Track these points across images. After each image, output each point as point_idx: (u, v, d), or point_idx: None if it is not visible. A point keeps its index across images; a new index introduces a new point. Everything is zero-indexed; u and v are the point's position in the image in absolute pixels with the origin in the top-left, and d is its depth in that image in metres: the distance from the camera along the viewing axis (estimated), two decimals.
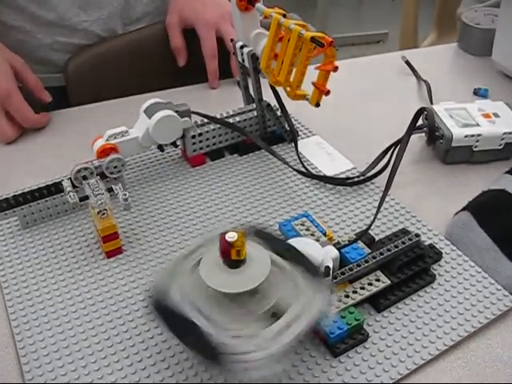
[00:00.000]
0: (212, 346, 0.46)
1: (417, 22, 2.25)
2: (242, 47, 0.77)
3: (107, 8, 0.99)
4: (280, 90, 0.75)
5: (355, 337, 0.55)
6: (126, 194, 0.63)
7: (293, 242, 0.57)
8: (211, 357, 0.46)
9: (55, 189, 0.69)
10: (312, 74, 0.66)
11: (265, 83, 0.78)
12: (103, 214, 0.63)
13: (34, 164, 0.81)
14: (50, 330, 0.57)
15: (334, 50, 0.62)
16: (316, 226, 0.64)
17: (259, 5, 0.72)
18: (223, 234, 0.48)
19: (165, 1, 1.07)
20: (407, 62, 1.06)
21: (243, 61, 0.78)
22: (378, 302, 0.58)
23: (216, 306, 0.49)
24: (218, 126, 0.78)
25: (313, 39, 0.62)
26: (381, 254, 0.59)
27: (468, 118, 0.80)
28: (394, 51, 1.16)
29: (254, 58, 0.75)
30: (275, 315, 0.48)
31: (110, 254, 0.65)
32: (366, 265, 0.58)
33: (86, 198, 0.64)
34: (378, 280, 0.58)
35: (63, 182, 0.65)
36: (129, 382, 0.52)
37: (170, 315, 0.48)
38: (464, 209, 0.69)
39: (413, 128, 0.74)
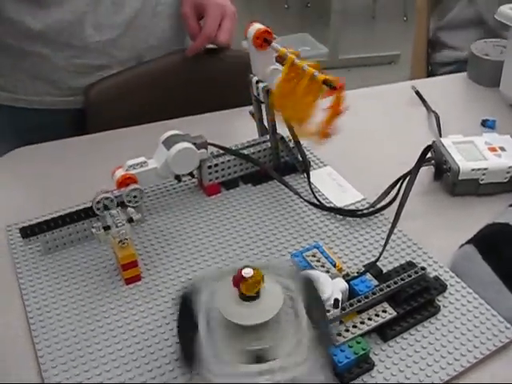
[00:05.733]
0: (192, 351, 0.50)
1: (429, 43, 2.27)
2: (257, 82, 0.80)
3: (119, 28, 1.03)
4: None
5: (362, 365, 0.58)
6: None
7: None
8: (186, 359, 0.52)
9: (77, 216, 0.73)
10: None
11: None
12: (123, 243, 0.66)
13: (55, 191, 0.84)
14: (71, 354, 0.60)
15: (343, 94, 0.65)
16: (326, 258, 0.67)
17: (275, 44, 0.76)
18: (241, 268, 0.51)
19: (178, 32, 1.12)
20: (417, 93, 1.09)
21: (258, 95, 0.81)
22: (385, 332, 0.61)
23: (221, 325, 0.52)
24: (233, 156, 0.82)
25: (325, 82, 0.65)
26: (388, 286, 0.62)
27: (475, 151, 0.83)
28: (406, 73, 1.18)
29: (269, 93, 0.78)
30: (261, 359, 0.51)
31: (129, 281, 0.68)
32: (374, 297, 0.61)
33: (108, 227, 0.67)
34: (384, 311, 0.61)
35: (93, 226, 0.67)
36: None
37: (186, 310, 0.53)
38: (469, 241, 0.72)
39: (421, 164, 0.77)
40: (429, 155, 0.82)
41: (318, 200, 0.79)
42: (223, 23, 1.05)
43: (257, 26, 0.77)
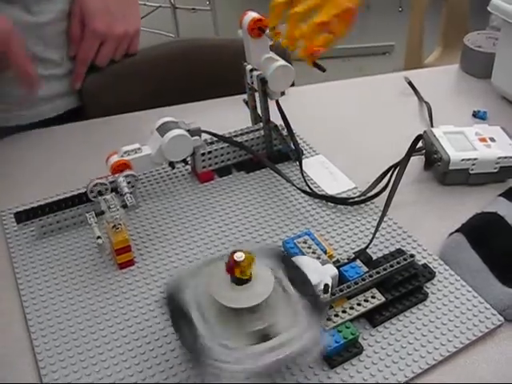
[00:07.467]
0: (199, 347, 0.51)
1: (422, 35, 2.28)
2: (251, 70, 0.81)
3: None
4: (286, 107, 0.81)
5: (351, 350, 0.59)
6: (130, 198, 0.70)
7: (295, 260, 0.61)
8: (195, 357, 0.51)
9: (71, 202, 0.74)
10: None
11: (272, 104, 0.82)
12: (117, 228, 0.67)
13: (50, 176, 0.85)
14: (65, 337, 0.61)
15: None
16: (317, 244, 0.68)
17: (269, 32, 0.76)
18: (232, 253, 0.52)
19: None
20: (410, 83, 1.09)
21: (252, 83, 0.82)
22: (374, 318, 0.62)
23: (217, 314, 0.54)
24: (227, 144, 0.82)
25: (315, 64, 0.67)
26: (377, 272, 0.63)
27: (465, 141, 0.84)
28: (400, 63, 1.19)
29: (263, 81, 0.79)
30: (266, 337, 0.52)
31: (122, 266, 0.69)
32: (363, 283, 0.62)
33: (102, 213, 0.68)
34: (373, 297, 0.62)
35: (94, 229, 0.67)
36: None
37: (177, 310, 0.54)
38: (458, 230, 0.73)
39: (411, 153, 0.78)
40: (420, 145, 0.83)
41: (310, 188, 0.80)
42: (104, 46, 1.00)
43: (251, 15, 0.78)
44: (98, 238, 0.65)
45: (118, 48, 1.02)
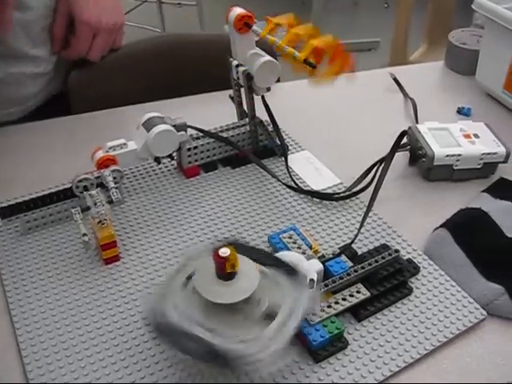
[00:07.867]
0: (221, 354, 0.50)
1: (408, 32, 2.30)
2: (237, 66, 0.81)
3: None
4: (271, 102, 0.81)
5: (336, 344, 0.59)
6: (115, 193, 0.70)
7: (280, 255, 0.62)
8: (223, 364, 0.51)
9: (56, 197, 0.73)
10: None
11: (257, 100, 0.82)
12: (103, 223, 0.67)
13: (35, 171, 0.85)
14: (50, 333, 0.61)
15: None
16: (302, 240, 0.68)
17: (255, 27, 0.77)
18: (216, 250, 0.52)
19: None
20: (395, 80, 1.10)
21: (238, 79, 0.82)
22: (359, 312, 0.63)
23: (214, 316, 0.53)
24: (213, 139, 0.82)
25: (305, 61, 0.67)
26: (362, 267, 0.63)
27: (450, 138, 0.85)
28: (385, 59, 1.19)
29: (249, 77, 0.79)
30: (269, 317, 0.53)
31: (108, 261, 0.69)
32: (348, 278, 0.62)
33: (87, 208, 0.68)
34: (358, 292, 0.63)
35: (80, 226, 0.67)
36: (125, 382, 0.57)
37: (174, 335, 0.52)
38: (442, 225, 0.74)
39: (396, 149, 0.78)
40: (405, 141, 0.84)
41: (296, 183, 0.81)
42: (96, 39, 0.99)
43: (238, 10, 0.78)
44: (84, 235, 0.65)
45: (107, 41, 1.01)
